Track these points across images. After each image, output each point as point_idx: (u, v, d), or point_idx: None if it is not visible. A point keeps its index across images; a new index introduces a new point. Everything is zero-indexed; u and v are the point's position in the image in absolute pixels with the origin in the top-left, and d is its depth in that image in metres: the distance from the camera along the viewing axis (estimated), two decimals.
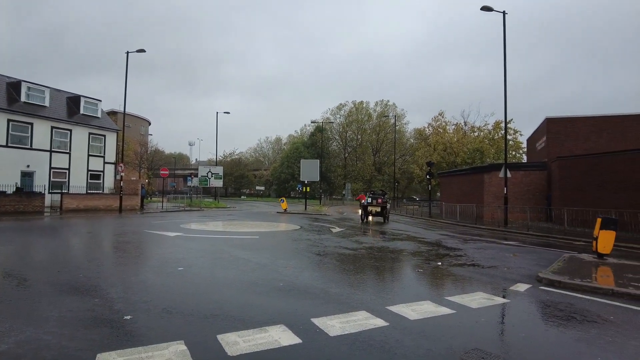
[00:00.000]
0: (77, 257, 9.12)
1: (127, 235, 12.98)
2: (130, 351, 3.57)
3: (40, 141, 26.22)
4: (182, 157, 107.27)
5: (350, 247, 11.11)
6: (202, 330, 4.20)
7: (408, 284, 7.09)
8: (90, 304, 5.06)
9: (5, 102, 24.91)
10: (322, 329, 4.27)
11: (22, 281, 6.21)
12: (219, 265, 8.01)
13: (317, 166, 34.50)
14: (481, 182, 25.60)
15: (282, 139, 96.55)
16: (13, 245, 10.42)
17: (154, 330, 4.19)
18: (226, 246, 10.59)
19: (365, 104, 70.25)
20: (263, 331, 4.13)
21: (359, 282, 6.87)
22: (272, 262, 8.33)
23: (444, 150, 44.83)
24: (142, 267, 7.76)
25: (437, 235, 15.38)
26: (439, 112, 51.69)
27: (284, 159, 74.90)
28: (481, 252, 10.72)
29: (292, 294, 5.77)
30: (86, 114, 30.10)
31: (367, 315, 4.79)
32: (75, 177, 28.36)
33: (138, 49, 26.63)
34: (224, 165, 54.26)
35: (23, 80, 26.76)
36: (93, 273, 6.96)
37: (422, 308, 5.18)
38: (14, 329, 4.06)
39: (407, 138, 68.90)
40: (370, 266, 8.41)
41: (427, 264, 8.67)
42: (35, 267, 7.53)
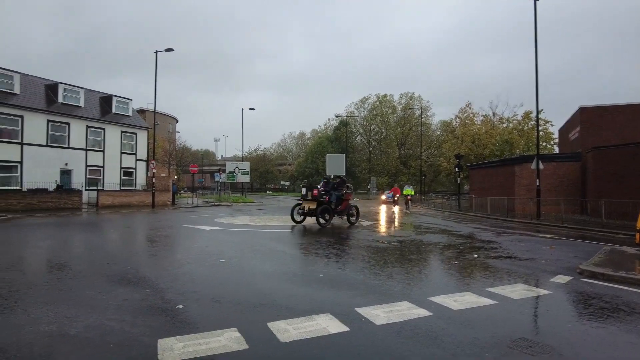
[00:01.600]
0: (122, 250, 9.54)
1: (165, 229, 13.44)
2: (188, 337, 3.78)
3: (77, 140, 27.29)
4: (209, 154, 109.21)
5: (383, 240, 11.18)
6: (252, 318, 4.39)
7: (446, 275, 7.12)
8: (143, 293, 5.33)
9: (44, 104, 26.03)
10: (368, 318, 4.38)
11: (77, 273, 6.59)
12: (257, 257, 8.25)
13: (343, 160, 34.42)
14: (512, 174, 25.09)
15: (305, 134, 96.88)
16: (62, 239, 10.98)
17: (207, 318, 4.40)
18: (261, 239, 10.85)
19: (389, 96, 69.67)
20: (310, 319, 4.28)
21: (396, 273, 6.95)
22: (308, 255, 8.51)
23: (472, 142, 44.04)
24: (185, 259, 8.07)
25: (469, 228, 15.24)
26: (466, 104, 50.89)
27: (308, 154, 75.21)
28: (516, 245, 10.59)
29: (332, 285, 5.91)
30: (118, 113, 31.10)
31: (409, 305, 4.87)
32: (110, 174, 29.40)
33: (166, 48, 27.28)
34: (249, 161, 54.96)
35: (60, 82, 27.85)
36: (140, 265, 7.30)
37: (464, 299, 5.23)
38: (80, 316, 4.35)
39: (433, 130, 67.98)
40: (406, 258, 8.47)
41: (463, 257, 8.65)
42: (87, 260, 7.93)
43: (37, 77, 28.04)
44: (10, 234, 11.86)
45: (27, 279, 6.14)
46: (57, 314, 4.38)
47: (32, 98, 25.57)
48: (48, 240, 10.72)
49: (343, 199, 15.27)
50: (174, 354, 3.39)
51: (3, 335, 3.79)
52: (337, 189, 15.45)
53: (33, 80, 27.12)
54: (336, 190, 15.33)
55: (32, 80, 27.05)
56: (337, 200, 15.12)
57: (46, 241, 10.48)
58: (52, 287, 5.63)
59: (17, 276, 6.33)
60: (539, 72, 19.31)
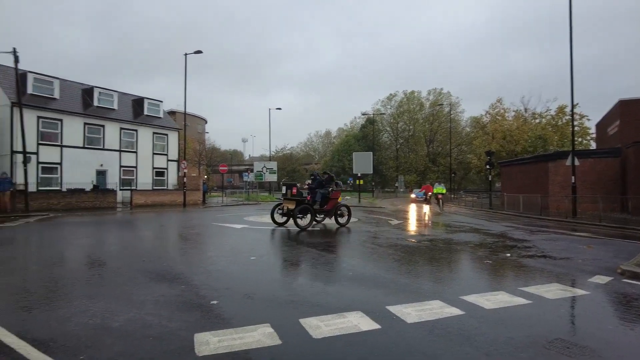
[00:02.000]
0: (157, 247, 9.86)
1: (197, 227, 13.79)
2: (223, 332, 3.88)
3: (111, 142, 28.27)
4: (237, 154, 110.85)
5: (413, 238, 11.09)
6: (284, 314, 4.47)
7: (478, 274, 7.00)
8: (179, 289, 5.51)
9: (81, 107, 27.12)
10: (399, 316, 4.38)
11: (116, 269, 6.87)
12: (287, 255, 8.37)
13: (370, 159, 34.38)
14: (545, 171, 24.32)
15: (331, 132, 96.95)
16: (100, 237, 11.46)
17: (240, 313, 4.51)
18: (291, 238, 10.97)
19: (417, 93, 68.79)
20: (342, 317, 4.32)
21: (427, 272, 6.90)
22: (338, 253, 8.55)
23: (503, 139, 42.86)
24: (217, 256, 8.26)
25: (501, 226, 14.90)
26: (496, 99, 49.39)
27: (334, 153, 75.27)
28: (551, 244, 10.28)
29: (362, 283, 5.93)
30: (149, 115, 32.02)
31: (441, 304, 4.84)
32: (142, 174, 30.32)
33: (195, 51, 27.87)
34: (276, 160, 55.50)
35: (95, 86, 28.93)
36: (175, 262, 7.53)
37: (497, 298, 5.14)
38: (121, 310, 4.55)
39: (463, 127, 66.66)
40: (437, 257, 8.38)
41: (495, 256, 8.48)
42: (124, 257, 8.24)
43: (74, 82, 29.23)
44: (53, 232, 12.46)
45: (71, 275, 6.46)
46: (99, 308, 4.59)
47: (70, 102, 26.69)
48: (87, 238, 11.20)
49: (329, 197, 13.82)
50: (209, 348, 3.50)
51: (53, 326, 4.02)
52: (324, 186, 14.01)
53: (70, 85, 28.30)
54: (323, 188, 13.91)
55: (70, 85, 28.23)
56: (323, 199, 13.64)
57: (85, 239, 10.95)
58: (94, 283, 5.89)
59: (62, 272, 6.67)
60: (574, 65, 18.63)
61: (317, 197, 13.52)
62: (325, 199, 13.72)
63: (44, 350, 3.41)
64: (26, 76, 24.21)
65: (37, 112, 23.85)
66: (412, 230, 13.38)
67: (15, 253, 8.86)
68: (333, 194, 13.96)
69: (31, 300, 4.94)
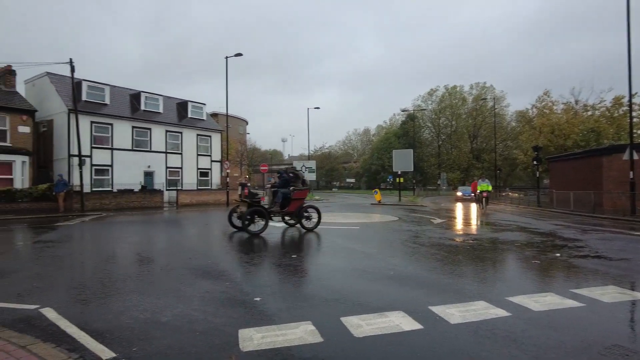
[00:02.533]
0: (202, 245, 10.21)
1: None
2: (266, 328, 3.96)
3: (157, 144, 29.52)
4: (277, 153, 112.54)
5: (456, 238, 10.82)
6: (325, 312, 4.50)
7: (525, 275, 6.73)
8: (223, 286, 5.68)
9: (129, 112, 28.50)
10: (442, 316, 4.29)
11: (163, 266, 7.18)
12: (328, 253, 8.41)
13: (410, 156, 33.78)
14: (599, 166, 22.93)
15: (370, 130, 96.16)
16: (148, 235, 12.01)
17: (282, 311, 4.59)
18: (331, 236, 11.02)
19: (459, 87, 66.86)
20: (383, 316, 4.29)
21: (471, 272, 6.71)
22: (378, 252, 8.49)
23: (552, 133, 40.77)
24: (259, 254, 8.44)
25: (550, 225, 14.22)
26: (543, 92, 46.99)
27: (373, 150, 74.66)
28: (606, 244, 9.70)
29: (404, 283, 5.85)
30: (193, 117, 33.16)
31: (486, 305, 4.69)
32: (187, 175, 31.45)
33: (236, 54, 28.52)
34: (314, 159, 55.80)
35: (142, 91, 30.32)
36: (219, 259, 7.77)
37: (546, 300, 4.92)
38: (169, 305, 4.75)
39: (508, 121, 64.04)
40: (481, 257, 8.13)
41: (544, 255, 8.11)
42: (171, 254, 8.60)
43: (122, 87, 30.76)
44: (106, 231, 13.19)
45: (123, 271, 6.82)
46: (149, 303, 4.82)
47: (119, 107, 28.13)
48: (137, 236, 11.77)
49: (291, 198, 12.02)
50: (253, 343, 3.58)
51: (108, 318, 4.27)
52: (288, 185, 12.26)
53: (120, 91, 29.81)
54: (286, 187, 12.17)
55: (119, 91, 29.73)
56: (284, 199, 11.95)
57: (135, 237, 11.51)
58: (144, 279, 6.19)
59: (115, 268, 7.05)
60: (632, 52, 17.43)
61: (278, 198, 11.97)
62: (287, 200, 11.99)
63: (100, 341, 3.63)
64: (81, 84, 25.77)
65: (91, 118, 25.32)
66: (456, 229, 13.04)
67: (74, 250, 9.46)
68: (295, 193, 12.07)
69: (89, 294, 5.27)
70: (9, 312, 4.52)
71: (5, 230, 13.36)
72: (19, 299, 5.08)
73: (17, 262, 7.69)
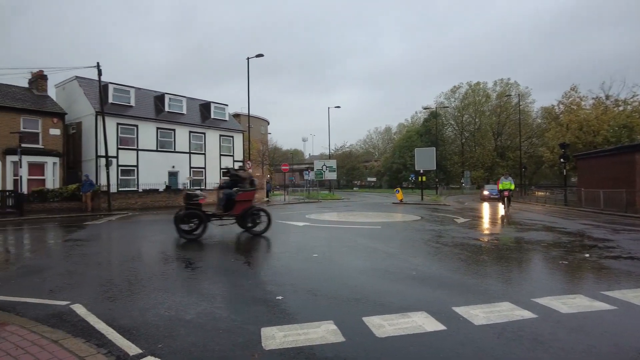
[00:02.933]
0: (226, 243, 10.33)
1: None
2: (288, 327, 3.99)
3: (181, 144, 30.04)
4: (297, 153, 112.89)
5: (480, 237, 10.63)
6: (347, 312, 4.49)
7: (552, 276, 6.55)
8: (246, 284, 5.74)
9: (154, 113, 29.11)
10: (466, 317, 4.22)
11: (188, 264, 7.31)
12: (349, 253, 8.38)
13: (433, 154, 33.37)
14: (632, 164, 22.07)
15: (391, 128, 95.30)
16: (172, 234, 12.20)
17: (304, 310, 4.61)
18: (352, 235, 10.99)
19: (482, 84, 65.57)
20: (405, 316, 4.25)
21: (495, 273, 6.57)
22: (400, 252, 8.42)
23: (580, 130, 39.51)
24: (281, 253, 8.50)
25: (578, 224, 13.80)
26: (571, 87, 45.58)
27: (395, 149, 74.04)
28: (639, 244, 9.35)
29: (426, 283, 5.79)
30: (216, 118, 33.61)
31: (511, 306, 4.59)
32: (211, 174, 31.90)
33: (257, 54, 28.74)
34: (335, 158, 55.76)
35: (166, 93, 30.92)
36: (242, 258, 7.86)
37: (574, 302, 4.77)
38: (193, 303, 4.83)
39: (534, 118, 62.35)
40: (506, 257, 7.96)
41: (572, 256, 7.87)
42: (194, 252, 8.74)
43: (147, 89, 31.42)
44: (132, 229, 13.54)
45: (148, 269, 6.97)
46: (174, 301, 4.92)
47: (144, 109, 28.76)
48: (161, 235, 12.00)
49: (235, 200, 10.97)
50: (275, 342, 3.61)
51: (134, 315, 4.38)
52: (233, 185, 11.24)
53: (144, 93, 30.48)
54: (233, 187, 11.16)
55: (144, 93, 30.40)
56: (227, 201, 10.97)
57: (160, 235, 11.75)
58: (168, 277, 6.32)
59: (140, 266, 7.22)
60: None
61: (222, 200, 11.05)
62: (230, 202, 10.97)
63: (128, 337, 3.73)
64: (107, 87, 26.47)
65: (117, 119, 25.98)
66: (480, 229, 12.81)
67: (101, 248, 9.74)
68: (240, 195, 10.99)
69: (116, 292, 5.41)
70: (42, 308, 4.70)
71: (39, 229, 13.87)
72: (51, 295, 5.27)
73: (50, 259, 7.97)
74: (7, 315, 4.37)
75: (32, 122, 22.78)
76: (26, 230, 13.57)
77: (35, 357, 3.25)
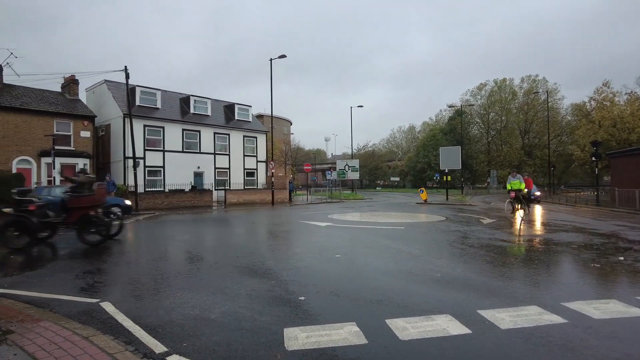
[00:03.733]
0: (249, 243, 10.45)
1: (285, 225, 14.37)
2: (310, 328, 4.00)
3: (206, 145, 30.56)
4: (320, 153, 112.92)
5: (507, 239, 10.37)
6: (370, 314, 4.46)
7: (583, 279, 6.32)
8: (269, 284, 5.79)
9: (179, 115, 29.70)
10: (491, 321, 4.13)
11: (212, 264, 7.43)
12: (372, 254, 8.33)
13: (458, 153, 32.77)
14: None
15: (415, 127, 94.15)
16: (197, 234, 12.48)
17: (327, 311, 4.60)
18: (375, 236, 10.92)
19: (509, 81, 64.01)
20: (429, 319, 4.19)
21: (522, 275, 6.40)
22: (424, 253, 8.31)
23: (613, 127, 38.08)
24: (304, 253, 8.53)
25: (611, 226, 13.29)
26: (603, 83, 43.97)
27: (419, 148, 73.06)
28: None
29: (451, 285, 5.69)
30: (240, 119, 34.03)
31: (539, 310, 4.46)
32: (235, 175, 32.34)
33: (280, 55, 28.89)
34: (357, 158, 55.52)
35: (191, 95, 31.50)
36: (265, 258, 7.93)
37: (607, 307, 4.60)
38: (217, 303, 4.90)
39: (563, 116, 60.43)
40: (534, 259, 7.74)
41: (604, 259, 7.59)
42: (219, 252, 8.88)
43: (173, 92, 32.12)
44: (158, 229, 13.84)
45: (174, 268, 7.12)
46: (198, 300, 5.00)
47: (170, 111, 29.39)
48: (187, 234, 12.24)
49: (68, 206, 9.65)
50: (298, 343, 3.62)
51: (160, 314, 4.48)
52: (74, 189, 9.93)
53: (170, 95, 31.15)
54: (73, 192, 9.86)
55: (170, 95, 31.08)
56: (62, 207, 9.72)
57: (185, 235, 11.99)
58: (193, 276, 6.43)
59: (165, 265, 7.38)
60: None
61: (55, 206, 9.89)
62: (64, 208, 9.71)
63: (154, 335, 3.82)
64: (135, 90, 27.18)
65: (144, 121, 26.65)
66: (506, 230, 12.50)
67: (129, 247, 9.99)
68: (73, 201, 9.67)
69: (143, 290, 5.55)
70: (74, 305, 4.87)
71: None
72: (83, 292, 5.45)
73: (81, 258, 8.24)
74: (42, 311, 4.56)
75: (65, 125, 23.63)
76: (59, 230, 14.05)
77: (68, 353, 3.37)
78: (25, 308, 4.69)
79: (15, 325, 4.01)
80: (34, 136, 22.16)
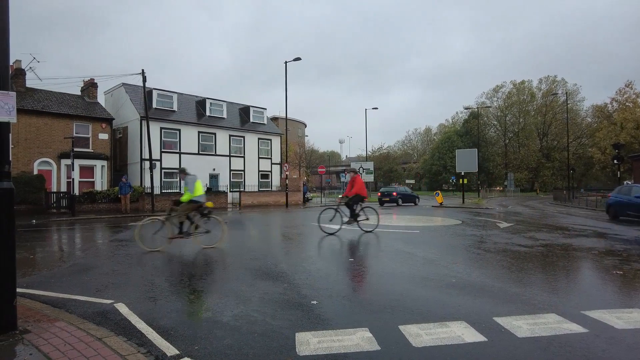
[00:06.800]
0: (262, 246, 10.47)
1: (298, 228, 14.36)
2: (322, 333, 3.95)
3: (221, 148, 30.83)
4: (334, 155, 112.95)
5: (525, 244, 10.15)
6: (382, 319, 4.40)
7: (605, 287, 6.13)
8: (281, 288, 5.76)
9: (195, 118, 30.05)
10: (508, 329, 4.02)
11: (225, 266, 7.45)
12: (386, 258, 8.24)
13: (474, 156, 32.33)
14: None
15: (431, 129, 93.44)
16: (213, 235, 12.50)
17: (339, 315, 4.55)
18: (389, 240, 10.82)
19: (527, 82, 63.05)
20: (444, 326, 4.11)
21: (540, 282, 6.24)
22: (439, 258, 8.18)
23: (636, 128, 37.13)
24: (317, 256, 8.49)
25: (635, 231, 12.90)
26: (625, 83, 42.96)
27: (434, 150, 72.50)
28: None
29: (467, 291, 5.57)
30: (255, 122, 34.25)
31: (558, 318, 4.33)
32: (249, 177, 32.55)
33: (294, 58, 29.02)
34: (372, 160, 55.28)
35: (207, 98, 31.86)
36: (278, 260, 7.92)
37: (632, 317, 4.43)
38: (229, 305, 4.90)
39: (583, 117, 59.20)
40: (552, 265, 7.55)
41: (628, 265, 7.35)
42: (233, 254, 8.90)
43: (189, 94, 32.53)
44: None
45: (187, 270, 7.16)
46: (211, 302, 5.01)
47: (186, 113, 29.75)
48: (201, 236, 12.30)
49: None
50: (310, 348, 3.58)
51: (173, 316, 4.49)
52: None
53: (186, 98, 31.55)
54: None
55: (186, 98, 31.47)
56: None
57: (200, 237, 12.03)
58: (207, 278, 6.46)
59: (179, 267, 7.44)
60: None
61: None
62: None
63: (166, 338, 3.82)
64: (152, 93, 27.61)
65: (160, 124, 27.04)
66: (524, 234, 12.25)
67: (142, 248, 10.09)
68: None
69: (156, 292, 5.58)
70: (89, 306, 4.93)
71: (88, 229, 14.64)
72: (97, 293, 5.51)
73: (97, 259, 8.36)
74: (58, 312, 4.62)
75: (83, 128, 24.14)
76: (77, 230, 14.36)
77: (81, 354, 3.39)
78: (43, 308, 4.76)
79: (32, 325, 4.07)
80: (54, 138, 22.69)
